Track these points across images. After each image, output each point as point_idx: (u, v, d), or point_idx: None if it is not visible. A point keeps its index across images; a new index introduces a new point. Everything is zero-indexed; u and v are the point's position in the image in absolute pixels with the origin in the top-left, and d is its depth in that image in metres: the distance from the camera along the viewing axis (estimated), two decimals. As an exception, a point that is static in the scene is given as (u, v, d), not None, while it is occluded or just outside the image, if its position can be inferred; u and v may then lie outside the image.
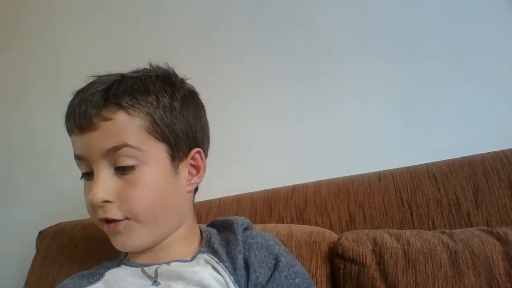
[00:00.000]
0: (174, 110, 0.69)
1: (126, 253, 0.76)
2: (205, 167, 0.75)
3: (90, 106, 0.65)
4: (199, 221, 0.84)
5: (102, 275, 0.72)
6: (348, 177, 0.96)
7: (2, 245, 1.33)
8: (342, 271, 0.76)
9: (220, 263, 0.66)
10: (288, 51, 1.16)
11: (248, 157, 1.14)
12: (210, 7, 1.26)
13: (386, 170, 0.93)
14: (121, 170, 0.65)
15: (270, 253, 0.68)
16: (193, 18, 1.27)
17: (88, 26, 1.41)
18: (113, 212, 0.65)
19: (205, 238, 0.74)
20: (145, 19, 1.34)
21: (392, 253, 0.73)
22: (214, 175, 1.15)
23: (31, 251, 1.09)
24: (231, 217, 0.77)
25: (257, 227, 0.87)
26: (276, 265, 0.67)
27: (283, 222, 0.94)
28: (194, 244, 0.74)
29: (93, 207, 0.66)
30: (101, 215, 0.66)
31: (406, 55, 1.06)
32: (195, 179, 0.74)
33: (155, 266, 0.68)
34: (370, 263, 0.73)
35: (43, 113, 1.39)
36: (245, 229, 0.73)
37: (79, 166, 0.69)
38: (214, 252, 0.69)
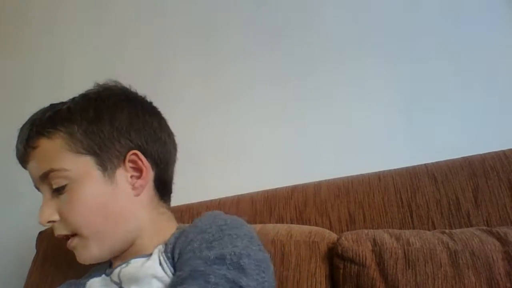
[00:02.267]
0: (99, 121, 0.71)
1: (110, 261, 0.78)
2: (147, 167, 0.73)
3: (20, 141, 0.73)
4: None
5: (84, 285, 0.74)
6: (348, 177, 0.95)
7: (2, 246, 1.33)
8: (341, 271, 0.76)
9: (163, 254, 0.67)
10: (288, 52, 1.16)
11: (248, 157, 1.14)
12: (210, 8, 1.26)
13: (386, 170, 0.93)
14: (57, 192, 0.70)
15: (198, 232, 0.65)
16: (193, 18, 1.28)
17: (89, 29, 1.42)
18: (61, 229, 0.70)
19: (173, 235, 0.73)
20: (145, 20, 1.34)
21: (392, 253, 0.72)
22: (214, 175, 1.15)
23: (31, 251, 1.09)
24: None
25: (257, 227, 0.87)
26: (190, 241, 0.64)
27: (283, 222, 0.94)
28: (161, 241, 0.72)
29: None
30: (55, 232, 0.71)
31: (406, 55, 1.06)
32: (139, 182, 0.73)
33: (117, 269, 0.70)
34: (369, 263, 0.73)
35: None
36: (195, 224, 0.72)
37: None
38: (165, 244, 0.69)
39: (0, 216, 1.37)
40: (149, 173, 0.74)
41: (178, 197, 0.87)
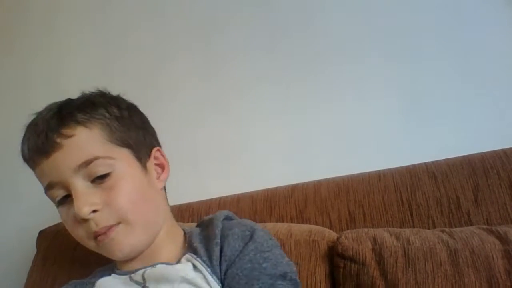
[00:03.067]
0: (123, 118, 0.73)
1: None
2: (168, 163, 0.78)
3: (49, 129, 0.67)
4: (198, 220, 0.84)
5: (93, 284, 0.73)
6: (348, 176, 0.96)
7: (2, 245, 1.33)
8: (341, 270, 0.76)
9: (198, 258, 0.68)
10: (288, 51, 1.16)
11: (248, 156, 1.14)
12: (210, 8, 1.26)
13: (386, 169, 0.93)
14: (99, 180, 0.67)
15: (242, 241, 0.68)
16: (193, 19, 1.28)
17: (89, 29, 1.41)
18: (105, 219, 0.66)
19: (187, 240, 0.74)
20: (145, 20, 1.34)
21: (392, 251, 0.73)
22: (214, 174, 1.15)
23: (32, 250, 1.09)
24: (213, 214, 0.77)
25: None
26: (242, 250, 0.67)
27: (283, 221, 0.94)
28: (179, 246, 0.74)
29: (79, 224, 0.67)
30: (94, 228, 0.66)
31: (406, 54, 1.06)
32: (163, 175, 0.77)
33: (141, 271, 0.69)
34: (369, 262, 0.73)
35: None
36: (226, 219, 0.74)
37: (53, 196, 0.70)
38: (194, 251, 0.70)
39: (1, 216, 1.37)
40: (169, 169, 0.78)
41: (178, 196, 0.88)
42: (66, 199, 0.68)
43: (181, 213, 1.01)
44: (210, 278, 0.66)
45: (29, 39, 1.49)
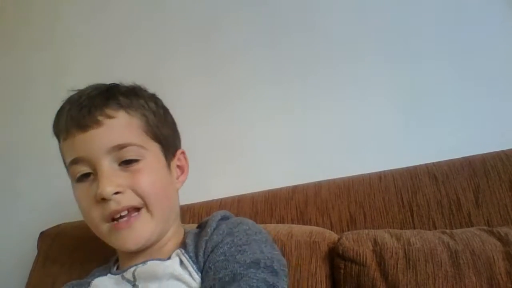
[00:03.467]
0: (159, 115, 0.76)
1: (115, 261, 0.78)
2: (188, 167, 0.81)
3: (93, 106, 0.68)
4: (199, 221, 0.84)
5: (89, 284, 0.73)
6: (348, 177, 0.96)
7: (3, 246, 1.33)
8: (342, 271, 0.76)
9: (185, 254, 0.68)
10: (288, 51, 1.16)
11: (248, 157, 1.14)
12: (211, 8, 1.26)
13: (386, 170, 0.93)
14: (126, 164, 0.68)
15: (222, 235, 0.67)
16: (194, 18, 1.28)
17: (90, 27, 1.42)
18: (128, 200, 0.67)
19: (184, 238, 0.75)
20: (146, 20, 1.34)
21: (392, 253, 0.72)
22: (215, 175, 1.15)
23: (32, 252, 1.09)
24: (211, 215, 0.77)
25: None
26: (218, 243, 0.66)
27: (283, 223, 0.94)
28: (177, 245, 0.74)
29: (97, 204, 0.67)
30: (114, 207, 0.66)
31: (406, 55, 1.06)
32: (182, 177, 0.79)
33: (132, 268, 0.69)
34: (370, 263, 0.73)
35: (45, 114, 1.38)
36: (222, 219, 0.74)
37: (74, 171, 0.69)
38: (184, 247, 0.70)
39: (1, 217, 1.37)
40: (187, 173, 0.81)
41: (179, 197, 0.87)
42: (87, 177, 0.68)
43: (182, 214, 1.00)
44: (195, 274, 0.66)
45: (30, 38, 1.49)
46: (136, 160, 0.68)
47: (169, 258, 0.70)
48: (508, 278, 0.65)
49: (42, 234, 1.10)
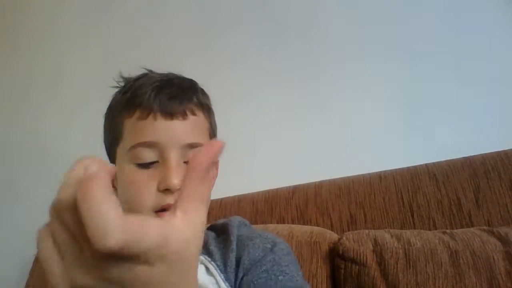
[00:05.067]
0: (213, 114, 0.75)
1: None
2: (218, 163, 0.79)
3: (185, 97, 0.67)
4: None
5: None
6: (349, 178, 0.96)
7: (4, 245, 1.33)
8: (342, 271, 0.76)
9: (212, 262, 0.67)
10: (288, 53, 1.16)
11: (248, 157, 1.14)
12: (211, 10, 1.26)
13: (386, 170, 0.93)
14: (185, 164, 0.66)
15: (262, 251, 0.67)
16: (195, 21, 1.28)
17: (91, 29, 1.42)
18: None
19: (204, 241, 0.74)
20: (146, 22, 1.34)
21: (392, 253, 0.72)
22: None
23: (32, 252, 1.09)
24: (227, 219, 0.77)
25: (258, 228, 0.87)
26: (260, 259, 0.66)
27: (284, 223, 0.94)
28: None
29: (154, 193, 0.64)
30: (171, 200, 0.64)
31: (406, 55, 1.06)
32: (215, 172, 0.76)
33: None
34: (370, 263, 0.73)
35: (45, 114, 1.40)
36: (240, 226, 0.73)
37: (139, 155, 0.66)
38: (208, 254, 0.69)
39: (2, 216, 1.37)
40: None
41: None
42: (151, 165, 0.65)
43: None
44: (222, 284, 0.64)
45: (30, 40, 1.49)
46: None
47: None
48: (508, 278, 0.65)
49: (43, 233, 1.10)
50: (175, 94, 0.66)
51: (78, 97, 1.32)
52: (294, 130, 1.12)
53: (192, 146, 0.65)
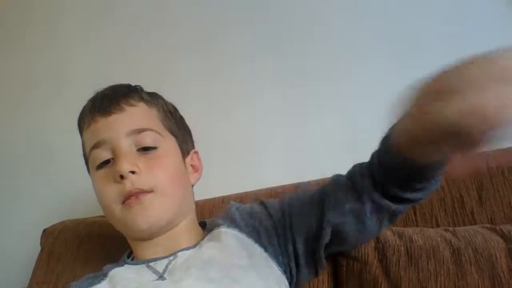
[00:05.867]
0: (176, 116, 0.81)
1: (129, 254, 0.78)
2: (202, 168, 0.83)
3: (118, 95, 0.74)
4: (202, 219, 0.84)
5: (106, 275, 0.72)
6: (351, 175, 0.95)
7: (6, 243, 1.34)
8: (344, 268, 0.76)
9: (222, 227, 0.72)
10: (289, 53, 1.16)
11: (250, 155, 1.14)
12: (212, 11, 1.27)
13: (389, 168, 0.92)
14: (144, 150, 0.71)
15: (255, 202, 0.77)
16: (195, 22, 1.28)
17: (91, 31, 1.42)
18: (140, 183, 0.68)
19: (208, 228, 0.76)
20: (147, 23, 1.35)
21: (394, 250, 0.72)
22: (218, 173, 1.15)
23: (36, 249, 1.09)
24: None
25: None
26: (258, 201, 0.76)
27: (286, 220, 0.94)
28: (195, 235, 0.75)
29: (114, 184, 0.69)
30: (128, 187, 0.68)
31: (407, 55, 1.06)
32: (196, 175, 0.81)
33: (165, 261, 0.69)
34: (372, 261, 0.73)
35: (47, 113, 1.40)
36: (239, 206, 0.79)
37: (96, 156, 0.72)
38: (217, 226, 0.74)
39: (4, 214, 1.38)
40: (201, 174, 0.83)
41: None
42: (107, 164, 0.71)
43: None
44: (240, 234, 0.70)
45: (31, 41, 1.50)
46: (154, 148, 0.71)
47: (195, 246, 0.71)
48: (510, 276, 0.65)
49: (45, 231, 1.11)
50: (107, 95, 0.75)
51: (81, 98, 1.32)
52: (296, 129, 1.12)
53: (138, 131, 0.71)
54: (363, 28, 1.11)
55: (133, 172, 0.68)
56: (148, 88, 0.82)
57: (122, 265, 0.73)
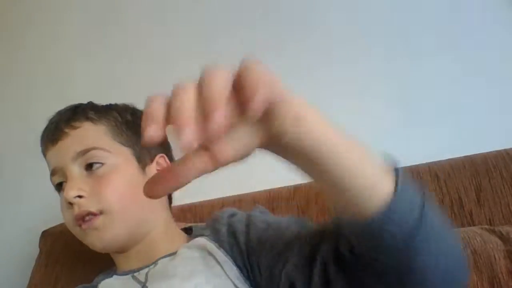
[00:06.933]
0: (134, 124, 0.78)
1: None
2: None
3: (61, 120, 0.76)
4: (201, 221, 0.84)
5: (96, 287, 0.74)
6: (350, 177, 0.95)
7: (5, 245, 1.34)
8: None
9: (204, 237, 0.70)
10: (287, 51, 1.16)
11: (250, 156, 1.14)
12: (211, 12, 1.27)
13: (388, 170, 0.92)
14: (90, 168, 0.71)
15: (245, 218, 0.69)
16: (195, 22, 1.28)
17: (92, 35, 1.42)
18: (86, 205, 0.69)
19: (193, 235, 0.75)
20: (148, 23, 1.35)
21: (393, 251, 0.72)
22: (215, 175, 1.15)
23: (34, 251, 1.09)
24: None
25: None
26: (248, 222, 0.67)
27: (285, 222, 0.94)
28: (178, 241, 0.75)
29: (67, 208, 0.71)
30: (76, 211, 0.69)
31: (407, 54, 1.06)
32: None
33: (145, 270, 0.70)
34: (371, 262, 0.73)
35: (46, 113, 1.40)
36: (232, 216, 0.73)
37: (53, 182, 0.76)
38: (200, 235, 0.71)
39: (3, 216, 1.37)
40: None
41: (180, 197, 0.88)
42: (61, 187, 0.73)
43: (183, 213, 1.01)
44: (216, 250, 0.66)
45: (33, 47, 1.50)
46: (101, 164, 0.71)
47: (176, 252, 0.70)
48: (509, 277, 0.65)
49: (44, 233, 1.11)
50: (53, 121, 0.77)
51: (82, 98, 1.32)
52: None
53: (83, 152, 0.72)
54: (363, 28, 1.11)
55: (80, 196, 0.69)
56: (146, 91, 0.82)
57: (111, 276, 0.75)
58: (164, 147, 0.82)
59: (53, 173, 0.75)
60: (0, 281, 1.31)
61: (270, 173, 1.09)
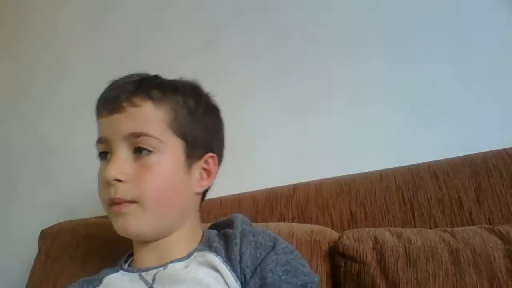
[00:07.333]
0: (196, 113, 0.74)
1: (126, 259, 0.77)
2: (216, 173, 0.77)
3: (122, 91, 0.70)
4: (201, 220, 0.84)
5: (101, 281, 0.73)
6: (349, 176, 0.95)
7: (4, 245, 1.34)
8: (342, 269, 0.76)
9: (218, 257, 0.68)
10: (289, 53, 1.16)
11: (249, 156, 1.14)
12: (211, 12, 1.27)
13: (387, 169, 0.93)
14: (138, 153, 0.68)
15: (264, 250, 0.67)
16: (196, 22, 1.28)
17: (92, 29, 1.42)
18: (123, 193, 0.67)
19: (204, 238, 0.74)
20: (148, 23, 1.35)
21: (393, 251, 0.72)
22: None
23: (33, 250, 1.09)
24: (230, 216, 0.77)
25: (259, 226, 0.87)
26: (263, 259, 0.66)
27: (284, 221, 0.94)
28: (194, 244, 0.74)
29: (105, 186, 0.68)
30: (112, 194, 0.67)
31: (407, 54, 1.06)
32: (205, 182, 0.76)
33: (154, 271, 0.69)
34: (370, 261, 0.73)
35: (45, 113, 1.40)
36: (243, 223, 0.74)
37: (98, 148, 0.73)
38: (210, 248, 0.70)
39: (3, 215, 1.37)
40: (214, 179, 0.78)
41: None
42: (105, 156, 0.71)
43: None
44: (228, 274, 0.66)
45: (32, 42, 1.50)
46: (148, 152, 0.68)
47: (189, 256, 0.70)
48: (508, 276, 0.64)
49: (43, 232, 1.10)
50: (115, 90, 0.72)
51: (80, 97, 1.32)
52: (295, 129, 1.12)
53: (135, 135, 0.68)
54: (363, 28, 1.11)
55: (119, 180, 0.67)
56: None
57: (118, 271, 0.74)
58: (217, 147, 0.80)
59: (100, 140, 0.72)
60: (0, 280, 1.31)
61: (271, 171, 1.10)
